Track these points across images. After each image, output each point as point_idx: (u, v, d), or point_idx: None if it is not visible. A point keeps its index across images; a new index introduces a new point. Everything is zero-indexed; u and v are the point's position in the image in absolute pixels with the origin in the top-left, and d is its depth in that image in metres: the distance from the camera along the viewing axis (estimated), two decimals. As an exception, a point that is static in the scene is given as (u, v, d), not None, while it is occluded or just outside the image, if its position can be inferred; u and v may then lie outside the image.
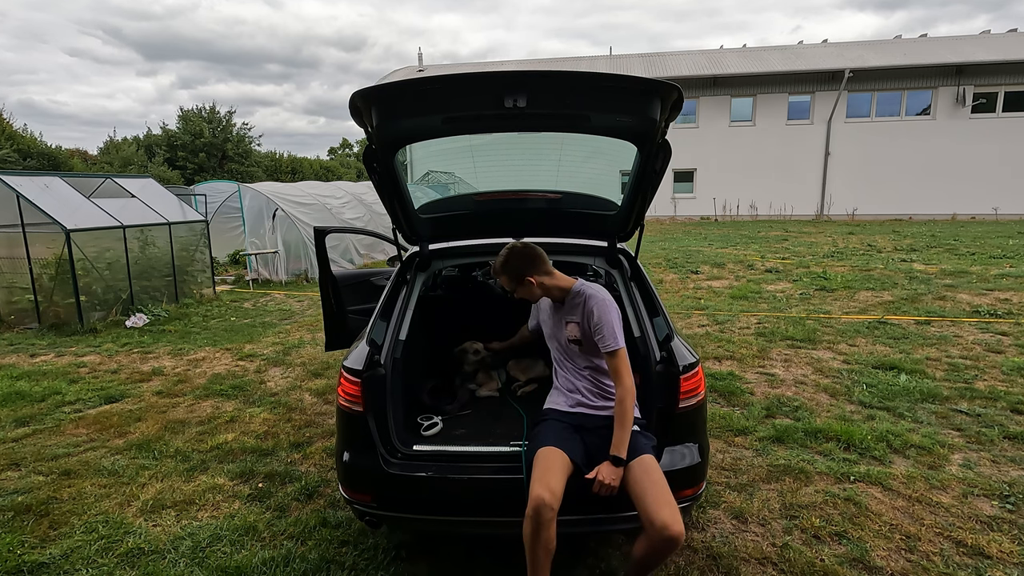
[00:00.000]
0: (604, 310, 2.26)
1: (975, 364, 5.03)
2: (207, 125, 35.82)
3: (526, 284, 2.38)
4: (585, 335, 2.34)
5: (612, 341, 2.21)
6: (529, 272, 2.37)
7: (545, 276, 2.41)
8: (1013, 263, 10.12)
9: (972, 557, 2.52)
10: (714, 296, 8.31)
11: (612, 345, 2.20)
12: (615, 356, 2.20)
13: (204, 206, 12.61)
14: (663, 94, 2.00)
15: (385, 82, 2.03)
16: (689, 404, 2.30)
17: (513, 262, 2.38)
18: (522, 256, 2.39)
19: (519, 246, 2.41)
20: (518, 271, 2.37)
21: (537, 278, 2.39)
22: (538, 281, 2.39)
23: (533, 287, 2.39)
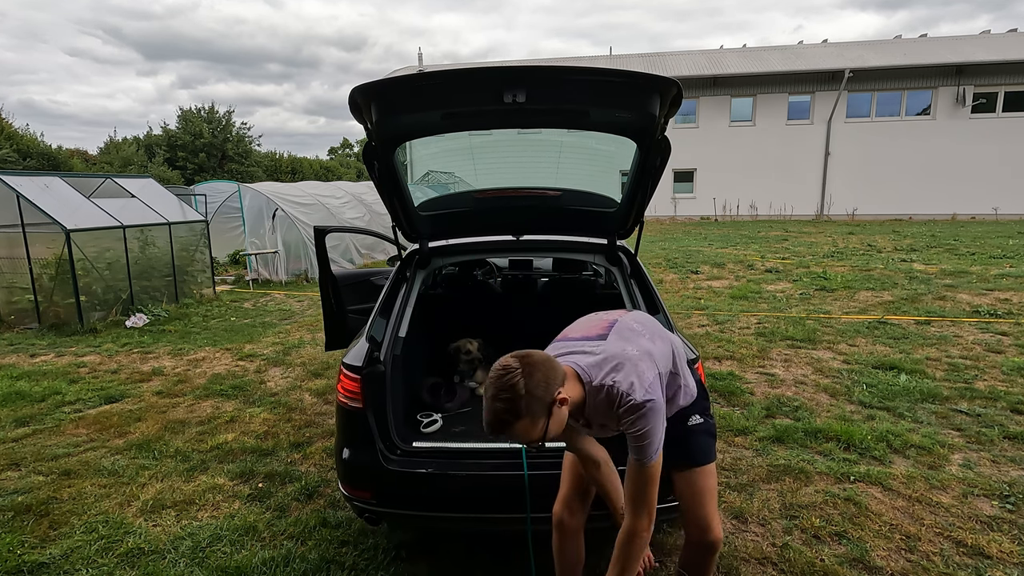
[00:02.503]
0: (639, 416, 1.53)
1: (975, 364, 5.03)
2: (207, 125, 35.83)
3: (557, 411, 1.48)
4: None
5: (643, 457, 1.57)
6: (553, 389, 1.46)
7: (568, 384, 1.54)
8: (1013, 263, 10.11)
9: (972, 557, 2.52)
10: (714, 296, 8.31)
11: (646, 459, 1.57)
12: (644, 471, 1.58)
13: (204, 206, 12.61)
14: (663, 90, 2.00)
15: (385, 78, 2.03)
16: None
17: (528, 390, 1.42)
18: (533, 370, 1.44)
19: (515, 363, 1.45)
20: (540, 397, 1.44)
21: (563, 391, 1.50)
22: (568, 396, 1.51)
23: (563, 409, 1.50)
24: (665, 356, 1.75)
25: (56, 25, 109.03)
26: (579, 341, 1.71)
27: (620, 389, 1.53)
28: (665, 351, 1.75)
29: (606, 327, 1.74)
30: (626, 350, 1.63)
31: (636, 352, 1.63)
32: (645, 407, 1.52)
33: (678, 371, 1.82)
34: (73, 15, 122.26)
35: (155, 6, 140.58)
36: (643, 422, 1.53)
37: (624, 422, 1.55)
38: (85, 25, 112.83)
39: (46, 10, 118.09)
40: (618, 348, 1.64)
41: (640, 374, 1.57)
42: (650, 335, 1.75)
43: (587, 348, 1.67)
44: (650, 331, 1.77)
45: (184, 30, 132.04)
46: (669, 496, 2.26)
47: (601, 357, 1.61)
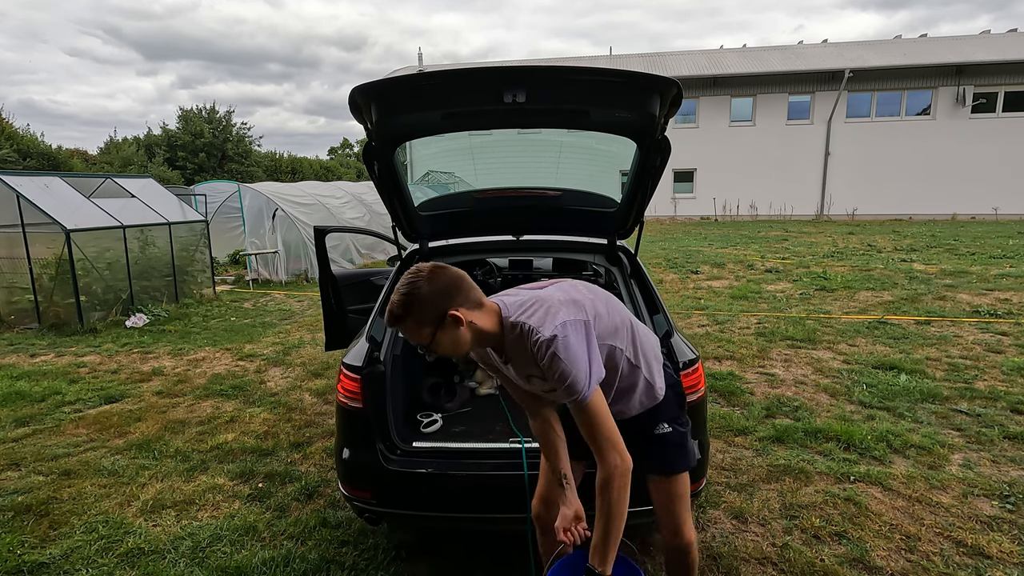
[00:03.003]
0: (550, 353, 1.46)
1: (975, 364, 5.03)
2: (207, 125, 35.83)
3: (448, 326, 1.48)
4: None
5: (575, 395, 1.48)
6: (452, 302, 1.48)
7: (476, 309, 1.53)
8: (1013, 263, 10.11)
9: (972, 557, 2.52)
10: (714, 296, 8.31)
11: (578, 397, 1.48)
12: (584, 410, 1.49)
13: (204, 206, 12.61)
14: (663, 90, 2.00)
15: (385, 77, 2.03)
16: (689, 401, 2.29)
17: (424, 293, 1.46)
18: (437, 280, 1.48)
19: (426, 269, 1.50)
20: (433, 305, 1.46)
21: (466, 312, 1.50)
22: (467, 318, 1.50)
23: (460, 330, 1.49)
24: (611, 327, 1.65)
25: (56, 25, 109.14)
26: (524, 289, 1.70)
27: (529, 325, 1.50)
28: (614, 323, 1.67)
29: (555, 282, 1.73)
30: (553, 295, 1.59)
31: (562, 298, 1.58)
32: (555, 343, 1.46)
33: (639, 363, 1.74)
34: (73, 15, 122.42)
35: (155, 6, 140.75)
36: (557, 362, 1.46)
37: (542, 365, 1.49)
38: (85, 25, 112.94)
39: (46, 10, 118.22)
40: (546, 294, 1.60)
41: (553, 314, 1.52)
42: (598, 300, 1.67)
43: (522, 292, 1.66)
44: (601, 300, 1.69)
45: (184, 30, 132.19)
46: None
47: (526, 298, 1.60)
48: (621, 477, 1.50)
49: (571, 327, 1.51)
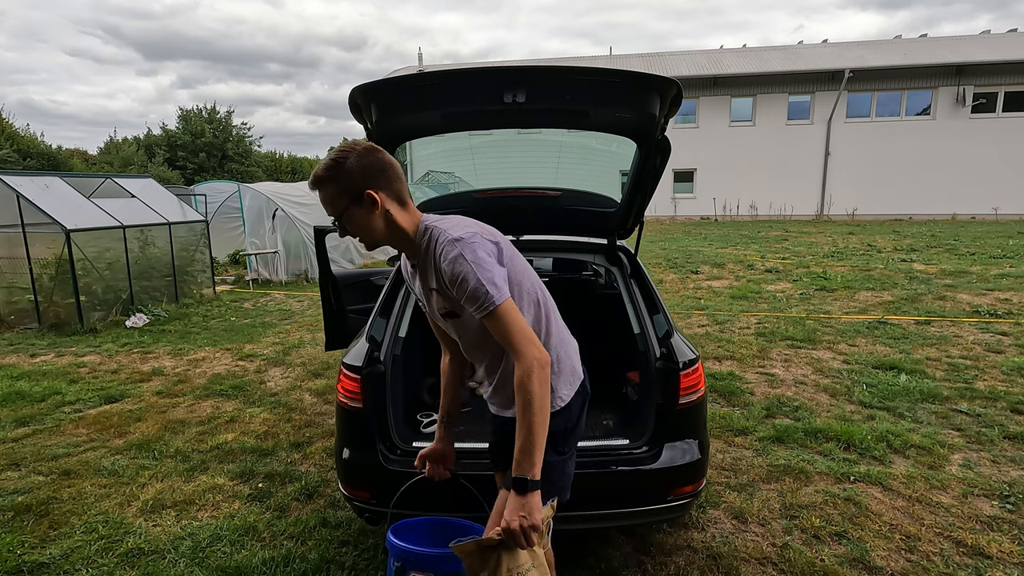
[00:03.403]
0: (454, 254, 1.41)
1: (975, 364, 5.03)
2: (207, 125, 35.84)
3: (364, 205, 1.45)
4: (454, 301, 1.52)
5: (481, 300, 1.41)
6: (375, 183, 1.45)
7: (397, 203, 1.50)
8: (1013, 263, 10.11)
9: (972, 557, 2.52)
10: (714, 296, 8.31)
11: (487, 304, 1.41)
12: (493, 317, 1.42)
13: (204, 206, 12.61)
14: (663, 89, 2.00)
15: (385, 77, 2.03)
16: (689, 400, 2.30)
17: (351, 163, 1.43)
18: (368, 157, 1.46)
19: (362, 144, 1.49)
20: (356, 178, 1.44)
21: (386, 199, 1.47)
22: (384, 205, 1.47)
23: (375, 213, 1.46)
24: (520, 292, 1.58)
25: (56, 25, 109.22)
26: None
27: (439, 228, 1.49)
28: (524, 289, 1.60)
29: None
30: (472, 223, 1.55)
31: (479, 229, 1.52)
32: (460, 244, 1.41)
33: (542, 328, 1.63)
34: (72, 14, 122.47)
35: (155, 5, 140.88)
36: (461, 264, 1.40)
37: (444, 269, 1.43)
38: (85, 25, 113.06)
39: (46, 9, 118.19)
40: (467, 221, 1.55)
41: (466, 225, 1.49)
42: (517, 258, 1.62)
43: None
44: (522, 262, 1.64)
45: (184, 30, 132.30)
46: (668, 496, 2.27)
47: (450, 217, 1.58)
48: (541, 369, 1.41)
49: (480, 240, 1.46)
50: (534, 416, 1.40)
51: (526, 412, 1.40)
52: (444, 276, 1.45)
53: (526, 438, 1.41)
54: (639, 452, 2.30)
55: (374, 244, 1.54)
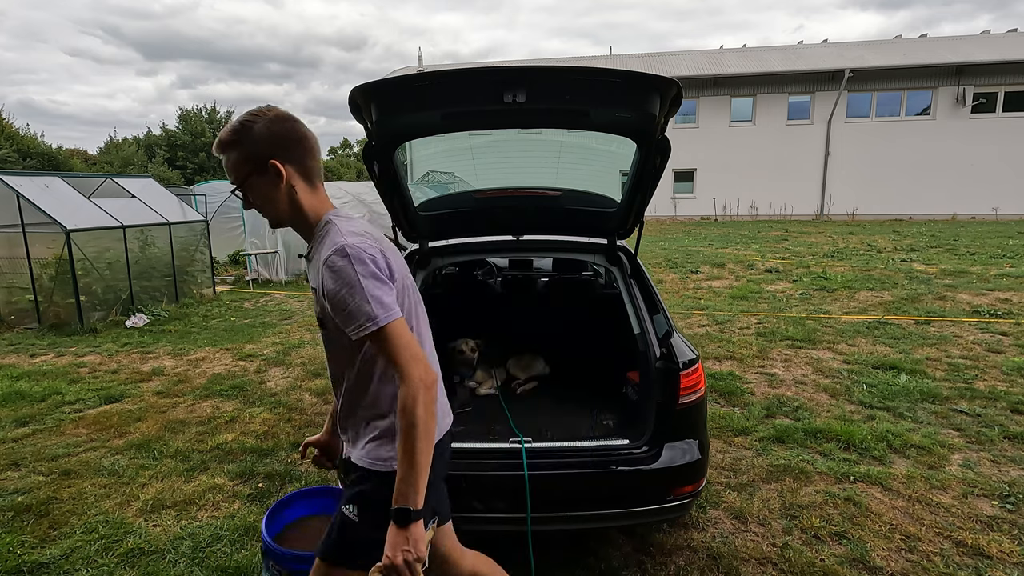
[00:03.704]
0: (340, 264, 1.30)
1: (975, 364, 5.03)
2: (207, 125, 35.86)
3: (268, 175, 1.37)
4: (326, 311, 1.40)
5: (360, 321, 1.30)
6: (282, 154, 1.37)
7: (304, 181, 1.42)
8: (1013, 263, 10.11)
9: (972, 557, 2.52)
10: (714, 296, 8.31)
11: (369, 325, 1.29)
12: (378, 338, 1.31)
13: (204, 206, 12.61)
14: (662, 89, 2.01)
15: (385, 77, 2.03)
16: (689, 400, 2.30)
17: (258, 129, 1.36)
18: (278, 126, 1.38)
19: (274, 111, 1.40)
20: (262, 146, 1.36)
21: (292, 174, 1.39)
22: (290, 180, 1.39)
23: (279, 186, 1.38)
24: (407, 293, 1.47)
25: (56, 25, 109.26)
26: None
27: (337, 229, 1.38)
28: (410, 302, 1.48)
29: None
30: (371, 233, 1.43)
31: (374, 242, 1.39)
32: (348, 255, 1.29)
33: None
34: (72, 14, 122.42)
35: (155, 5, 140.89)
36: (337, 277, 1.29)
37: (326, 281, 1.32)
38: (85, 25, 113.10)
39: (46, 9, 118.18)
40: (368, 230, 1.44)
41: (363, 235, 1.38)
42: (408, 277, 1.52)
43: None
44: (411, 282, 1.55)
45: (184, 29, 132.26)
46: (668, 496, 2.27)
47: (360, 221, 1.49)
48: (427, 391, 1.30)
49: (375, 254, 1.34)
50: (417, 442, 1.28)
51: (408, 438, 1.28)
52: (324, 284, 1.33)
53: (409, 466, 1.28)
54: (639, 452, 2.30)
55: (277, 221, 1.45)
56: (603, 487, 2.29)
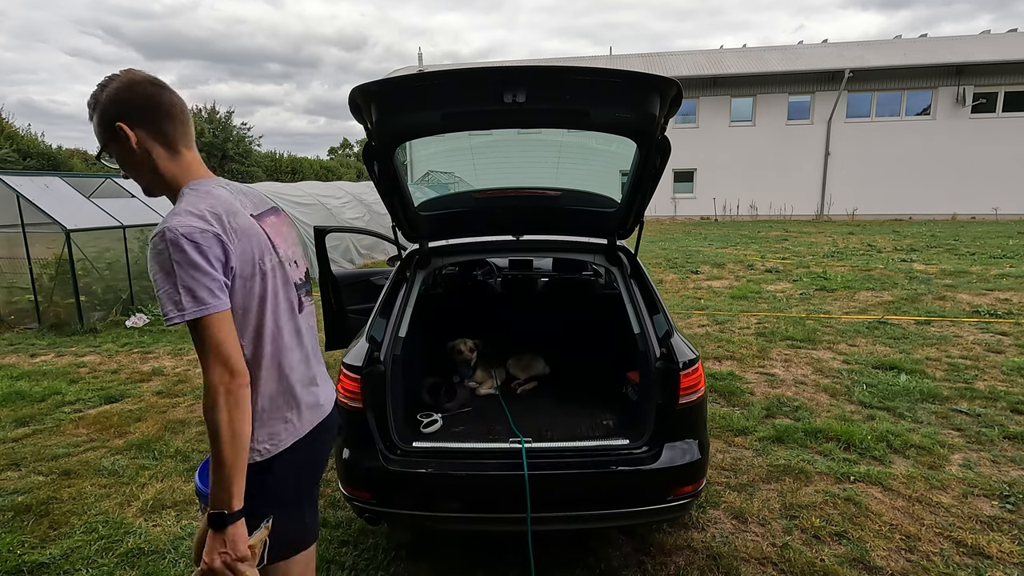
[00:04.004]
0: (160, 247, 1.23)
1: (975, 364, 5.03)
2: (207, 125, 35.85)
3: (120, 141, 1.33)
4: None
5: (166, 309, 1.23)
6: (130, 119, 1.32)
7: (163, 147, 1.36)
8: (1013, 263, 10.11)
9: (972, 557, 2.52)
10: (714, 296, 8.31)
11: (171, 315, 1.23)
12: (194, 329, 1.25)
13: (204, 206, 12.60)
14: (662, 89, 2.01)
15: (385, 77, 2.03)
16: (689, 400, 2.30)
17: (105, 95, 1.32)
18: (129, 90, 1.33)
19: (129, 75, 1.35)
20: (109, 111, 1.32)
21: (146, 138, 1.34)
22: (143, 144, 1.34)
23: (134, 151, 1.34)
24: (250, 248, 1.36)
25: (56, 25, 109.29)
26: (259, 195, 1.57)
27: (183, 201, 1.31)
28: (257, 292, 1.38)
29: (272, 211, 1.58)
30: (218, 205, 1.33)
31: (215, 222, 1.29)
32: (170, 236, 1.22)
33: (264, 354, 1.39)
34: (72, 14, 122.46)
35: (155, 5, 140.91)
36: (153, 260, 1.23)
37: (147, 257, 1.27)
38: (85, 25, 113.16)
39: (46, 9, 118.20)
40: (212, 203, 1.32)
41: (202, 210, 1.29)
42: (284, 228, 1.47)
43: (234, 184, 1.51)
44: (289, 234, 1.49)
45: (184, 30, 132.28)
46: (668, 496, 2.27)
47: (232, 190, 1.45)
48: (228, 394, 1.24)
49: (203, 238, 1.25)
50: (222, 446, 1.24)
51: (212, 443, 1.25)
52: (147, 263, 1.27)
53: (218, 471, 1.26)
54: (639, 452, 2.30)
55: (146, 189, 1.41)
56: (603, 487, 2.29)
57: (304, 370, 1.51)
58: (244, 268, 1.34)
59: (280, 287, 1.44)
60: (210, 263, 1.25)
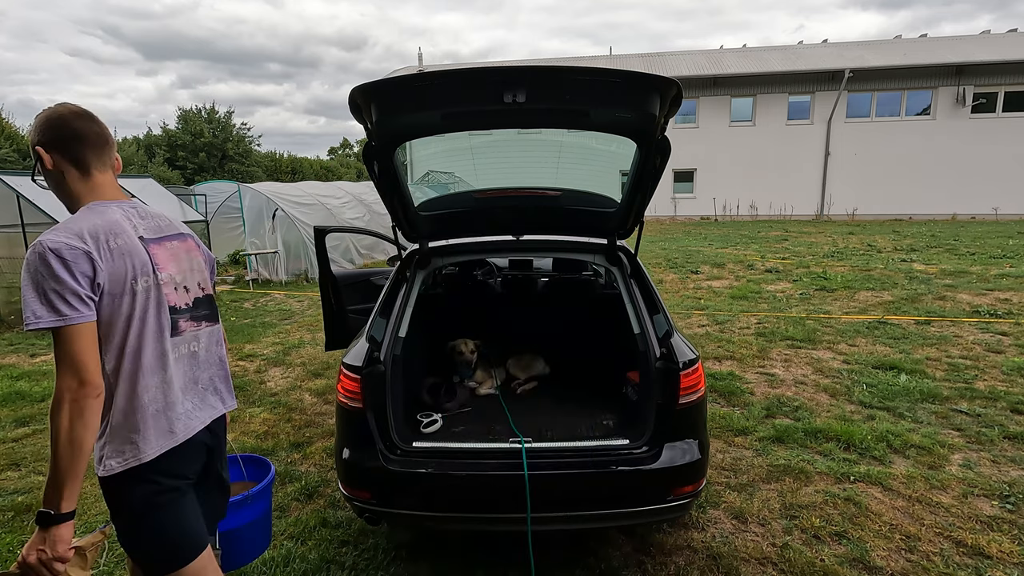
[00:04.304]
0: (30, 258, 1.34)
1: (975, 364, 5.03)
2: (207, 125, 35.85)
3: (43, 164, 1.47)
4: None
5: (26, 315, 1.32)
6: (47, 141, 1.46)
7: (75, 169, 1.49)
8: (1013, 263, 10.11)
9: (972, 557, 2.52)
10: (714, 296, 8.31)
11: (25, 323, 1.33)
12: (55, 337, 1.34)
13: (204, 206, 12.61)
14: (662, 89, 2.01)
15: (385, 77, 2.03)
16: (689, 400, 2.30)
17: (36, 120, 1.50)
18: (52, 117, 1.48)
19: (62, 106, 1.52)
20: (33, 135, 1.49)
21: (60, 160, 1.47)
22: (58, 167, 1.48)
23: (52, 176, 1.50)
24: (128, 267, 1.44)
25: (56, 25, 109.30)
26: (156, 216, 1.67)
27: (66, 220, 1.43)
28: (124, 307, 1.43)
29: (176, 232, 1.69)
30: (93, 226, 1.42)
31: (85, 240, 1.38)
32: (35, 252, 1.33)
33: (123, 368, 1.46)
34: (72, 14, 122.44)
35: (155, 5, 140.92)
36: (24, 271, 1.33)
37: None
38: (85, 25, 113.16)
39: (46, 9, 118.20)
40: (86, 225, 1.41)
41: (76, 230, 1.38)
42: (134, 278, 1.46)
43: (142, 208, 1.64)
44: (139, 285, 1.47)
45: (184, 29, 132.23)
46: (668, 496, 2.27)
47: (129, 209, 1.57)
48: (74, 402, 1.31)
49: (71, 253, 1.34)
50: (59, 449, 1.31)
51: (52, 444, 1.32)
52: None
53: (53, 471, 1.33)
54: (639, 452, 2.30)
55: (66, 206, 1.53)
56: (603, 487, 2.29)
57: (160, 395, 1.52)
58: (114, 286, 1.42)
59: (151, 309, 1.50)
60: (75, 278, 1.34)
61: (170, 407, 1.53)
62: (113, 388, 1.45)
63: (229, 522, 1.96)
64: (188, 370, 1.62)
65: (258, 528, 2.19)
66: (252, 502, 2.09)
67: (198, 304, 1.66)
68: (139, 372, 1.47)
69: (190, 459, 1.60)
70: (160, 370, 1.52)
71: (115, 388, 1.45)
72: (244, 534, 2.10)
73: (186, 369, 1.61)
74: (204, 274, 1.71)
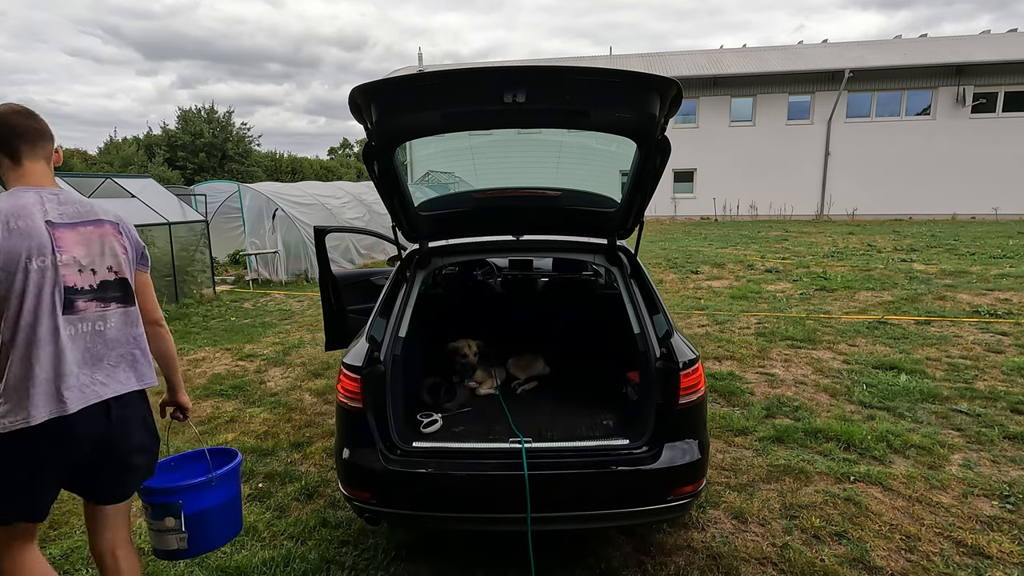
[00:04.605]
0: None
1: (975, 364, 5.03)
2: (207, 125, 35.85)
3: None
4: None
5: None
6: None
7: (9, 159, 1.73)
8: (1013, 263, 10.11)
9: (972, 557, 2.52)
10: (714, 296, 8.31)
11: None
12: None
13: (204, 206, 12.60)
14: (662, 89, 2.01)
15: (385, 77, 2.03)
16: (689, 400, 2.30)
17: None
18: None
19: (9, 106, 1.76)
20: None
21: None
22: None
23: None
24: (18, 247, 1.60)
25: (56, 25, 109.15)
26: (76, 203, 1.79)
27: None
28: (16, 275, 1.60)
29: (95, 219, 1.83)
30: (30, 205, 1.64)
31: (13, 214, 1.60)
32: None
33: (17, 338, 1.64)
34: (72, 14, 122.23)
35: (155, 5, 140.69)
36: None
37: None
38: (85, 25, 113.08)
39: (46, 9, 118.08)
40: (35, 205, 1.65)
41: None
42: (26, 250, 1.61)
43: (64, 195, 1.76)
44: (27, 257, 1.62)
45: (184, 29, 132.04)
46: (668, 496, 2.28)
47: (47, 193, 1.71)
48: None
49: None
50: None
51: None
52: None
53: None
54: (639, 452, 2.30)
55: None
56: (603, 487, 2.29)
57: (50, 367, 1.64)
58: (8, 264, 1.59)
59: (47, 287, 1.64)
60: None
61: (60, 378, 1.64)
62: (10, 355, 1.61)
63: (196, 504, 2.05)
64: (91, 346, 1.73)
65: (225, 512, 2.20)
66: (217, 483, 2.13)
67: (106, 286, 1.78)
68: (33, 344, 1.61)
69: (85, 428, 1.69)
70: (52, 343, 1.64)
71: (12, 355, 1.61)
72: (211, 516, 2.13)
73: (88, 345, 1.72)
74: (119, 258, 1.84)
